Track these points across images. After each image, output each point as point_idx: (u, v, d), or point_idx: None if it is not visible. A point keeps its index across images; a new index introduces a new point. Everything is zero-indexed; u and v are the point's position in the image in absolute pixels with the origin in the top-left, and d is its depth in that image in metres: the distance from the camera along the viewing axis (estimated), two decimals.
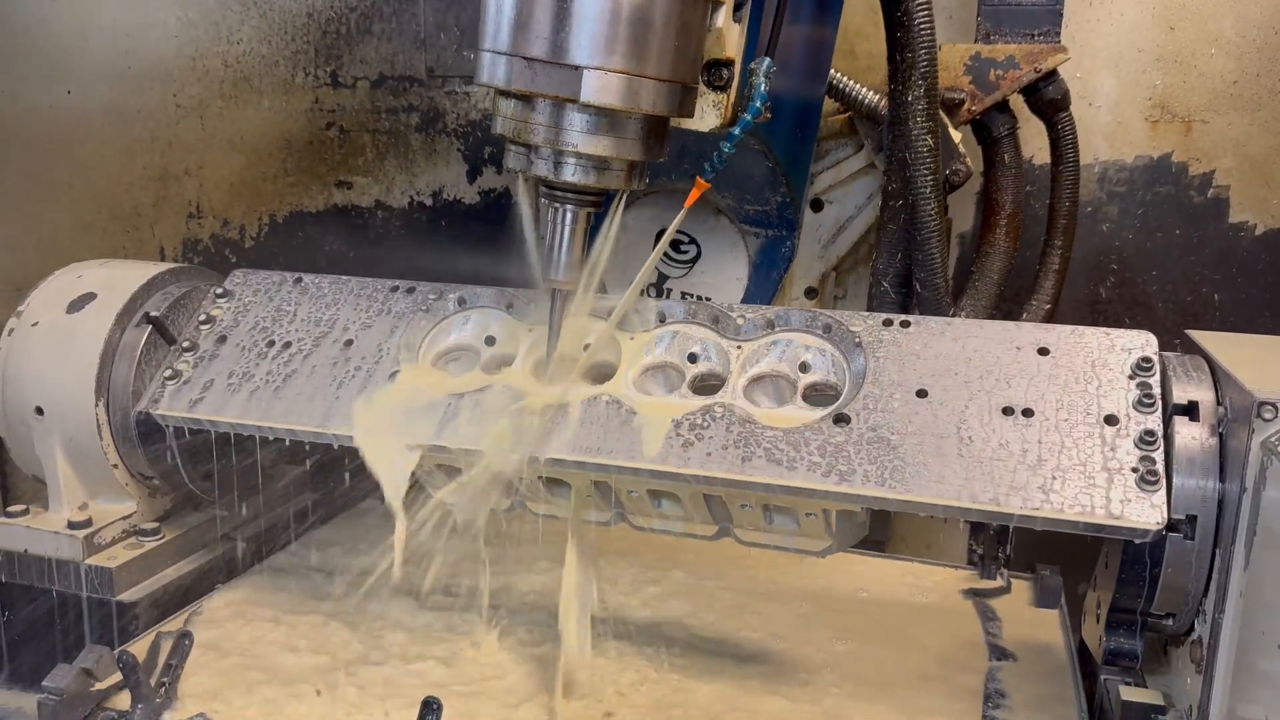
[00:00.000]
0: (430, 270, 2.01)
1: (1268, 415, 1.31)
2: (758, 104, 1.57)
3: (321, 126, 3.09)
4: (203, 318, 1.96)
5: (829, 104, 2.48)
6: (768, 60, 1.59)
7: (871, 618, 1.93)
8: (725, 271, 2.51)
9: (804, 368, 1.64)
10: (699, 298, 2.65)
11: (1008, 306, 2.55)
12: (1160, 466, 1.40)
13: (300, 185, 3.15)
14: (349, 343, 1.83)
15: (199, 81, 3.17)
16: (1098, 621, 1.64)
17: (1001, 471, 1.42)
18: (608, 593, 1.99)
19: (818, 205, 2.63)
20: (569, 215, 1.58)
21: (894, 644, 1.83)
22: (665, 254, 2.57)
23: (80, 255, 2.15)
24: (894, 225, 2.30)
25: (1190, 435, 1.46)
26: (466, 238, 2.99)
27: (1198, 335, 1.67)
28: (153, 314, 1.93)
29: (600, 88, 1.40)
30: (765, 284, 2.47)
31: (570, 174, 1.51)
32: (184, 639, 1.68)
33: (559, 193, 1.56)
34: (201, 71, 3.16)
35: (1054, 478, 1.40)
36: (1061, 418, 1.46)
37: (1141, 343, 1.54)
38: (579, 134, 1.47)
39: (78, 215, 3.32)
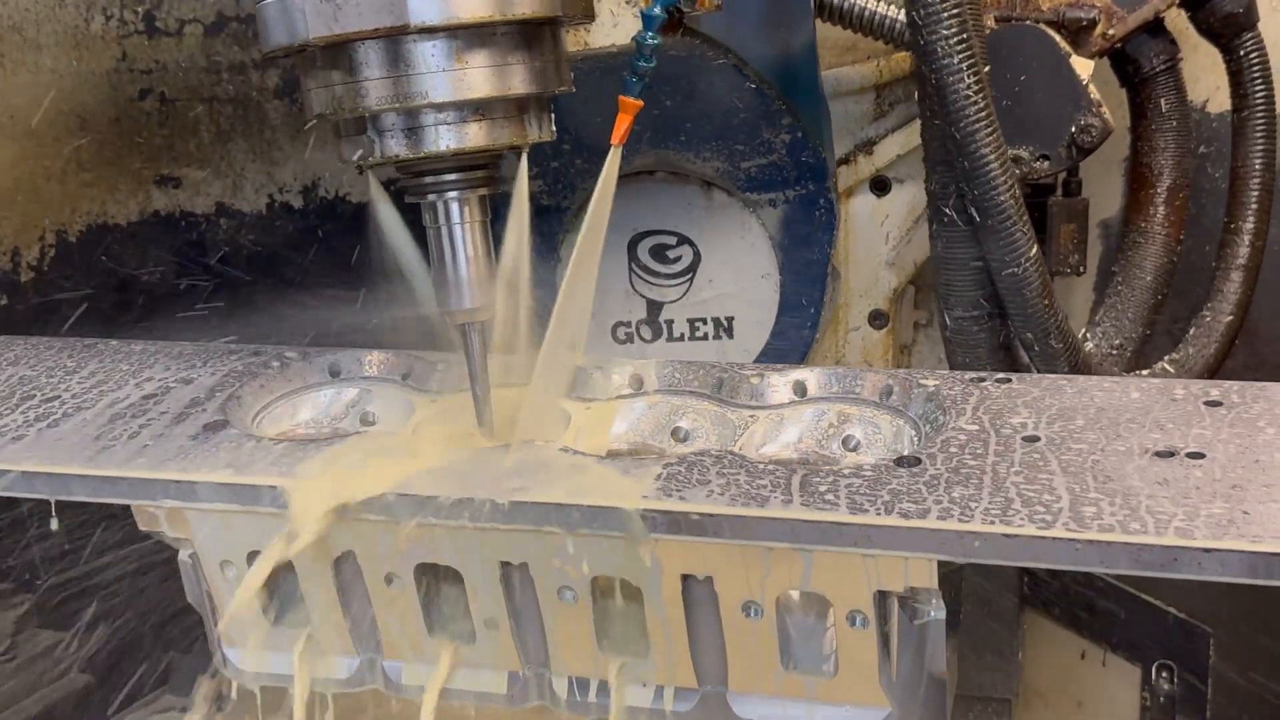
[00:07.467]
0: (306, 315, 1.74)
1: None
2: None
3: (133, 95, 2.28)
4: None
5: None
6: None
7: None
8: (742, 270, 1.93)
9: (850, 444, 1.32)
10: (718, 321, 1.94)
11: (1167, 324, 1.86)
12: None
13: (102, 185, 2.33)
14: (147, 397, 1.38)
15: None
16: None
17: (1160, 502, 1.01)
18: None
19: (882, 185, 2.03)
20: (455, 209, 1.21)
21: None
22: (646, 269, 2.06)
23: None
24: (937, 142, 1.71)
25: None
26: (359, 254, 2.20)
27: None
28: None
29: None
30: (808, 269, 1.87)
31: (435, 140, 1.15)
32: None
33: (429, 180, 1.20)
34: None
35: (1246, 511, 0.97)
36: (1246, 460, 1.08)
37: None
38: (431, 75, 1.12)
39: None
